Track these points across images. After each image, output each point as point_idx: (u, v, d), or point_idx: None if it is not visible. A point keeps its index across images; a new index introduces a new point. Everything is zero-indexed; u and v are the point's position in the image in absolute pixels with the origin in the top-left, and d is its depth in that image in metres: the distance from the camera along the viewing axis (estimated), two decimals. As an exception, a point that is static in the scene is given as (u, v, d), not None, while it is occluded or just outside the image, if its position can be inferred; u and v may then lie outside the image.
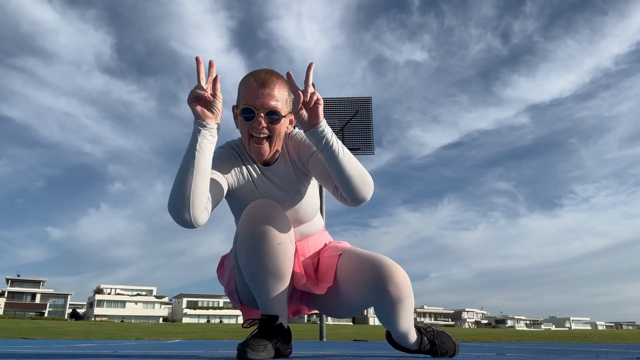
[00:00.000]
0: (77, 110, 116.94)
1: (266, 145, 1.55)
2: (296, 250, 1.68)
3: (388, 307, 1.54)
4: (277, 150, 1.62)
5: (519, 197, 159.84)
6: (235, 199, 1.66)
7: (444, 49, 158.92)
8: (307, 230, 1.76)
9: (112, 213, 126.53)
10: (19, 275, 70.21)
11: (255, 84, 1.52)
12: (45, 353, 2.22)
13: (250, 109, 1.51)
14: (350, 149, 1.56)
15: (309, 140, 1.56)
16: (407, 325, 1.64)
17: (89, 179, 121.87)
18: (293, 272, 1.63)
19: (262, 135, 1.53)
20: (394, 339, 1.76)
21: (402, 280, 1.50)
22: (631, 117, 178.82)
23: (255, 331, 1.53)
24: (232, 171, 1.61)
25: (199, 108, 1.41)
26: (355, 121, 9.28)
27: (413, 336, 1.71)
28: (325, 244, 1.82)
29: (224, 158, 1.61)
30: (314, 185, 1.73)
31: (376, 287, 1.51)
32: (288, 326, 1.61)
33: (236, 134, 1.66)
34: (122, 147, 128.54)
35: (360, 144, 9.21)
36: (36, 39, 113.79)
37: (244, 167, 1.63)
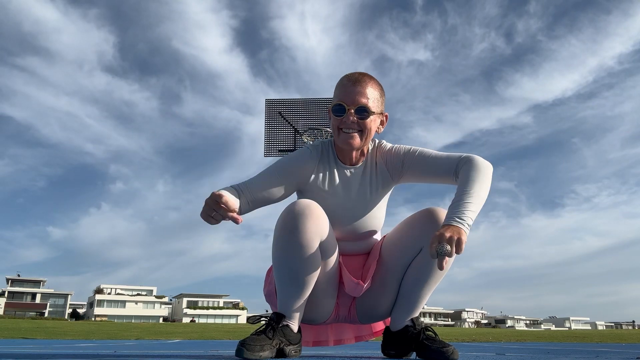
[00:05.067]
0: (79, 109, 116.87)
1: (357, 136, 1.59)
2: (341, 263, 1.67)
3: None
4: (363, 155, 1.68)
5: (520, 197, 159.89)
6: (304, 194, 1.69)
7: (447, 48, 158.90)
8: (364, 247, 1.74)
9: (113, 213, 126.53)
10: (19, 275, 70.25)
11: (348, 82, 1.59)
12: (45, 353, 2.22)
13: (342, 105, 1.57)
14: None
15: (398, 147, 1.68)
16: (431, 290, 1.63)
17: (90, 178, 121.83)
18: (342, 280, 1.65)
19: (351, 130, 1.58)
20: (395, 315, 1.69)
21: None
22: (634, 117, 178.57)
23: (260, 329, 1.53)
24: (305, 170, 1.66)
25: (203, 215, 1.43)
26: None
27: (419, 310, 1.67)
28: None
29: (296, 159, 1.67)
30: (385, 204, 1.73)
31: (427, 214, 1.57)
32: (300, 328, 1.60)
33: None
34: (124, 146, 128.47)
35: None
36: (38, 38, 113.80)
37: (320, 167, 1.68)
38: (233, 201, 1.42)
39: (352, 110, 1.56)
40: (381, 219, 1.73)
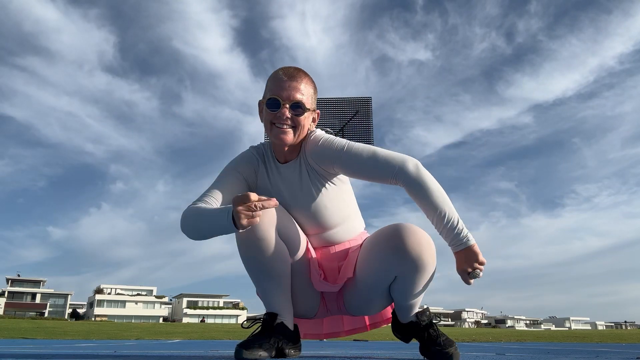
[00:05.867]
0: (79, 109, 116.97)
1: (290, 132, 1.56)
2: (309, 252, 1.65)
3: (408, 264, 1.47)
4: (296, 150, 1.64)
5: (520, 197, 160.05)
6: None
7: (448, 48, 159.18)
8: (334, 238, 1.69)
9: (113, 213, 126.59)
10: (19, 275, 70.21)
11: (284, 76, 1.56)
12: (45, 353, 2.22)
13: (276, 100, 1.54)
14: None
15: (325, 143, 1.58)
16: (420, 299, 1.60)
17: (90, 178, 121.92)
18: (310, 275, 1.63)
19: (285, 126, 1.55)
20: (397, 311, 1.68)
21: (422, 236, 1.47)
22: (634, 117, 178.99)
23: (257, 330, 1.53)
24: (250, 171, 1.68)
25: (245, 221, 1.33)
26: (356, 121, 9.28)
27: (417, 309, 1.65)
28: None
29: (241, 161, 1.69)
30: (341, 191, 1.67)
31: (395, 245, 1.47)
32: (296, 326, 1.60)
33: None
34: (124, 146, 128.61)
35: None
36: (39, 38, 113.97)
37: (261, 166, 1.69)
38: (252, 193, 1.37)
39: (287, 106, 1.54)
40: (341, 209, 1.67)
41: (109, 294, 72.58)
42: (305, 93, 1.56)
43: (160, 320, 66.68)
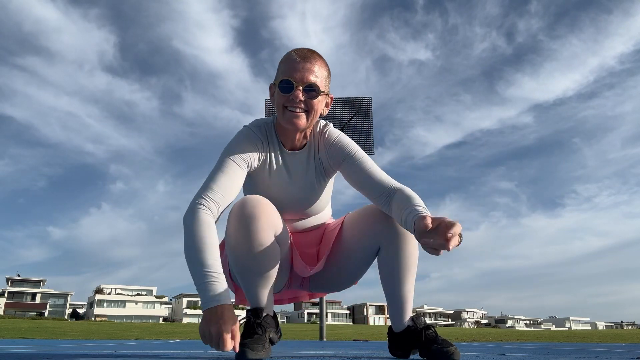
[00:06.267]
0: (80, 109, 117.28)
1: (303, 116, 1.51)
2: (292, 244, 1.70)
3: (393, 230, 1.55)
4: (305, 138, 1.62)
5: (521, 197, 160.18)
6: (249, 180, 1.63)
7: (448, 47, 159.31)
8: (311, 223, 1.76)
9: (113, 213, 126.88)
10: (19, 275, 70.22)
11: (298, 57, 1.50)
12: (45, 353, 2.22)
13: (290, 82, 1.48)
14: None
15: (341, 143, 1.60)
16: (410, 283, 1.60)
17: (90, 178, 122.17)
18: (292, 265, 1.69)
19: (298, 109, 1.50)
20: (391, 316, 1.67)
21: None
22: (635, 117, 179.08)
23: (251, 328, 1.52)
24: (253, 158, 1.56)
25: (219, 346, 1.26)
26: (356, 121, 9.28)
27: (411, 306, 1.64)
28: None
29: (246, 144, 1.55)
30: (330, 183, 1.72)
31: (380, 213, 1.55)
32: (274, 312, 1.63)
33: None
34: (124, 146, 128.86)
35: (360, 144, 9.19)
36: (39, 38, 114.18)
37: (265, 150, 1.59)
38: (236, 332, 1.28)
39: (301, 88, 1.47)
40: (328, 200, 1.75)
41: (109, 294, 72.60)
42: (319, 75, 1.50)
43: (160, 320, 66.69)
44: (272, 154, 1.60)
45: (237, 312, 1.79)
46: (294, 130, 1.54)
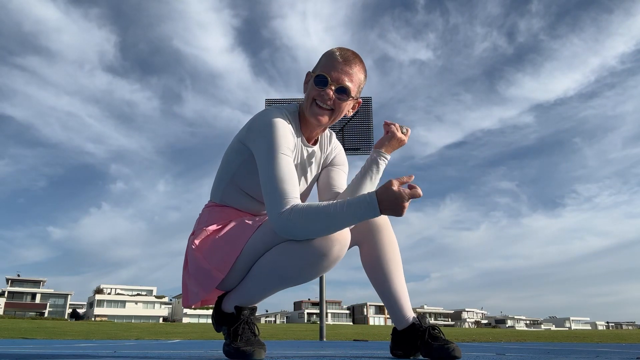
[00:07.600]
0: (80, 109, 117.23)
1: (327, 115, 1.56)
2: None
3: (370, 238, 1.60)
4: (319, 135, 1.70)
5: (521, 197, 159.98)
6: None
7: (449, 47, 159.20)
8: None
9: (113, 213, 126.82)
10: (19, 275, 70.21)
11: (340, 58, 1.54)
12: (45, 353, 2.22)
13: (325, 78, 1.52)
14: (350, 149, 1.62)
15: (342, 151, 1.79)
16: (398, 273, 1.60)
17: (91, 178, 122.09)
18: None
19: (325, 106, 1.54)
20: (391, 313, 1.64)
21: None
22: (636, 117, 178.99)
23: (247, 328, 1.51)
24: (291, 147, 1.52)
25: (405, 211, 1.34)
26: (356, 121, 9.28)
27: (407, 299, 1.61)
28: None
29: (290, 136, 1.52)
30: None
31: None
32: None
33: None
34: (125, 146, 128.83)
35: (360, 144, 9.20)
36: (39, 38, 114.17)
37: (295, 142, 1.60)
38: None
39: (333, 88, 1.52)
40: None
41: (109, 294, 72.60)
42: (354, 80, 1.55)
43: (160, 320, 66.68)
44: (298, 147, 1.62)
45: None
46: (316, 125, 1.58)
